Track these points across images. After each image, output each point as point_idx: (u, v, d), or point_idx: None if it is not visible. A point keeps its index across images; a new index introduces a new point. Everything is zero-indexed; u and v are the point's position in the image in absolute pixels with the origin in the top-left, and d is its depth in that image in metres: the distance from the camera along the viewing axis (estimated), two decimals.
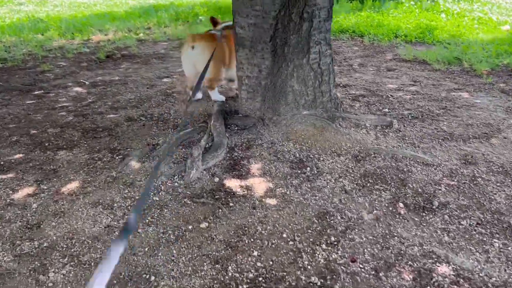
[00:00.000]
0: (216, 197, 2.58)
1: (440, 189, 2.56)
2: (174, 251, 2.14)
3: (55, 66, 6.13)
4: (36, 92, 4.90)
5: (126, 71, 5.81)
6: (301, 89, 3.32)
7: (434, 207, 2.39)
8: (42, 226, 2.38)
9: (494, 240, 2.14)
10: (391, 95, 4.37)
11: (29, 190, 2.75)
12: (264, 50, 3.24)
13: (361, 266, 1.98)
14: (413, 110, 3.90)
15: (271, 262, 2.04)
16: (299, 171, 2.81)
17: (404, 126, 3.48)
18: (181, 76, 5.39)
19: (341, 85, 4.78)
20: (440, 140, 3.19)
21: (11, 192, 2.74)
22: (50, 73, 5.75)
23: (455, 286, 1.85)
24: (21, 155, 3.25)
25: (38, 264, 2.09)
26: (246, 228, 2.28)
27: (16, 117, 4.09)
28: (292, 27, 3.12)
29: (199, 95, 4.25)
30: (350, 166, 2.85)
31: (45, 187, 2.78)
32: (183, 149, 3.18)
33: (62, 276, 2.01)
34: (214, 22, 4.18)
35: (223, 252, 2.12)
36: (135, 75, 5.51)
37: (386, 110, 3.90)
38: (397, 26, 8.03)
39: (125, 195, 2.63)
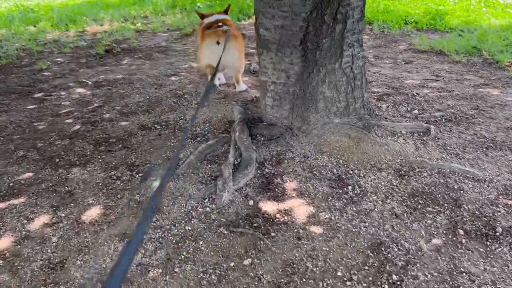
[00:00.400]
0: (255, 225, 2.35)
1: (498, 211, 2.35)
2: None
3: (53, 63, 5.79)
4: (36, 95, 4.59)
5: (129, 68, 5.49)
6: (333, 96, 3.07)
7: (497, 234, 2.18)
8: (66, 265, 2.14)
9: None
10: (417, 93, 4.14)
11: (45, 219, 2.50)
12: (293, 55, 2.97)
13: None
14: (444, 111, 3.68)
15: None
16: (340, 191, 2.59)
17: (440, 131, 3.26)
18: (189, 73, 5.11)
19: None
20: (484, 149, 2.98)
21: (26, 221, 2.49)
22: (49, 72, 5.42)
23: None
24: (30, 173, 2.99)
25: None
26: (294, 265, 2.06)
27: (18, 126, 3.80)
28: (325, 29, 2.85)
29: (222, 79, 4.51)
30: (395, 184, 2.63)
31: (63, 215, 2.53)
32: (208, 165, 2.93)
33: None
34: (201, 15, 4.31)
35: None
36: (139, 73, 5.20)
37: (416, 111, 3.67)
38: (406, 12, 7.75)
39: (154, 224, 2.38)
